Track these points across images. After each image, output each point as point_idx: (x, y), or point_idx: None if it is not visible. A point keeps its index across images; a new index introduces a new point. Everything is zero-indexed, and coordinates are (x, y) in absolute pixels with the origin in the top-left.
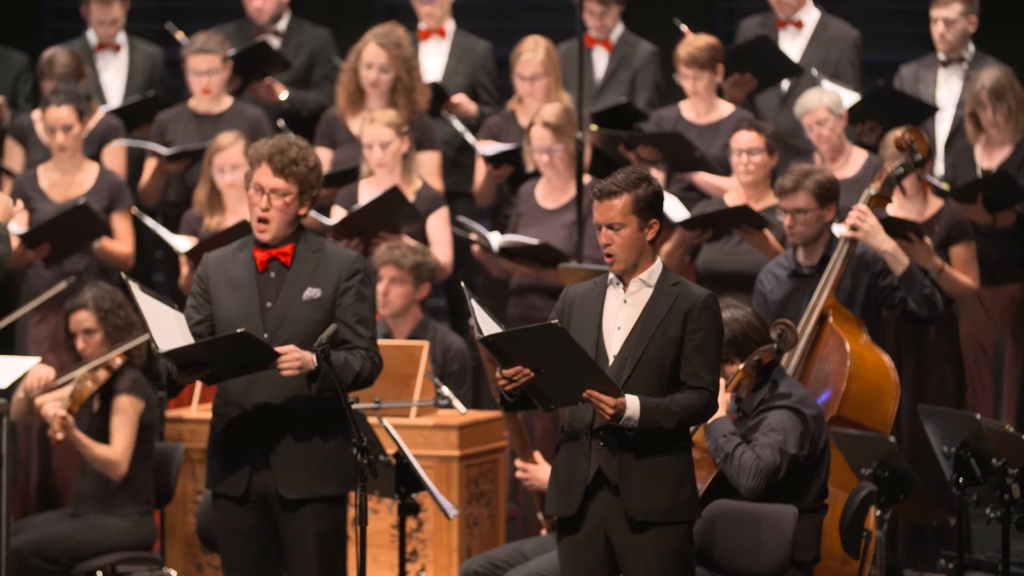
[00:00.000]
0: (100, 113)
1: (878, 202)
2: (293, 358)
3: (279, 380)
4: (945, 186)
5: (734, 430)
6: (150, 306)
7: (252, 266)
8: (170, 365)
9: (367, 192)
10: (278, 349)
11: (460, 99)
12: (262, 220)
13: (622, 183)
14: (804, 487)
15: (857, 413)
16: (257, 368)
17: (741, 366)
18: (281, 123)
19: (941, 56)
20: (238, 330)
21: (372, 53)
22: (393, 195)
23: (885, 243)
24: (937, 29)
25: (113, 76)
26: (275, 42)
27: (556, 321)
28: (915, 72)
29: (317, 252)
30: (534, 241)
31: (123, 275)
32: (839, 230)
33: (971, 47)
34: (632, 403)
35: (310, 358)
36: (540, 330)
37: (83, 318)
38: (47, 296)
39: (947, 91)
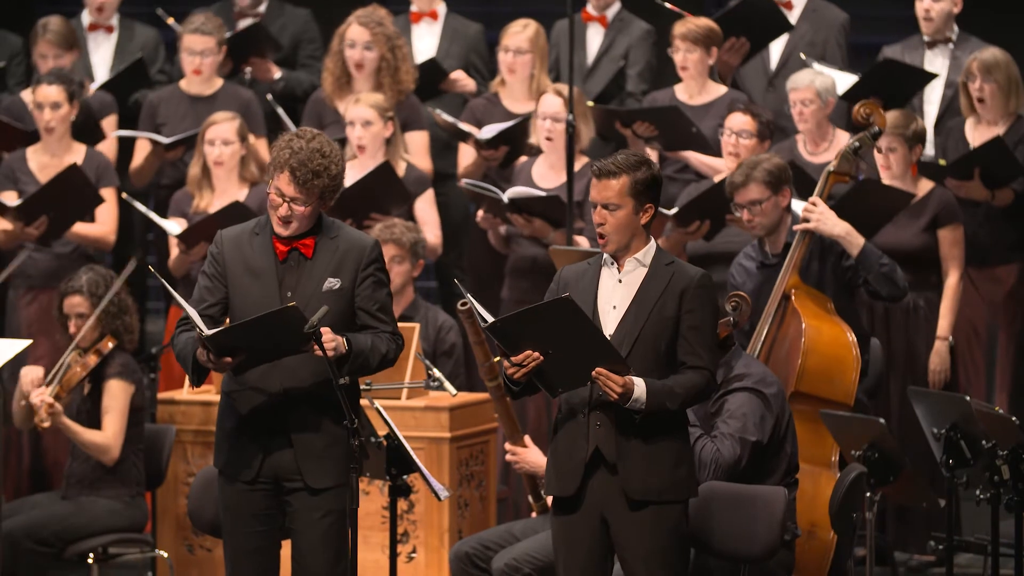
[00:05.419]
0: (91, 90)
1: (838, 178)
2: (330, 337)
3: (297, 366)
4: (941, 162)
5: (695, 422)
6: (181, 299)
7: (271, 253)
8: (207, 352)
9: (351, 175)
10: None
11: (458, 75)
12: (283, 220)
13: (622, 164)
14: (770, 467)
15: (816, 387)
16: (291, 352)
17: None
18: (269, 96)
19: (926, 38)
20: (289, 304)
21: (355, 32)
22: (384, 170)
23: (837, 228)
24: (923, 5)
25: (102, 57)
26: None
27: (568, 295)
28: (900, 54)
29: (335, 239)
30: (542, 193)
31: (150, 267)
32: (798, 206)
33: (955, 27)
34: (639, 385)
35: (341, 341)
36: (552, 305)
37: (77, 302)
38: (7, 272)
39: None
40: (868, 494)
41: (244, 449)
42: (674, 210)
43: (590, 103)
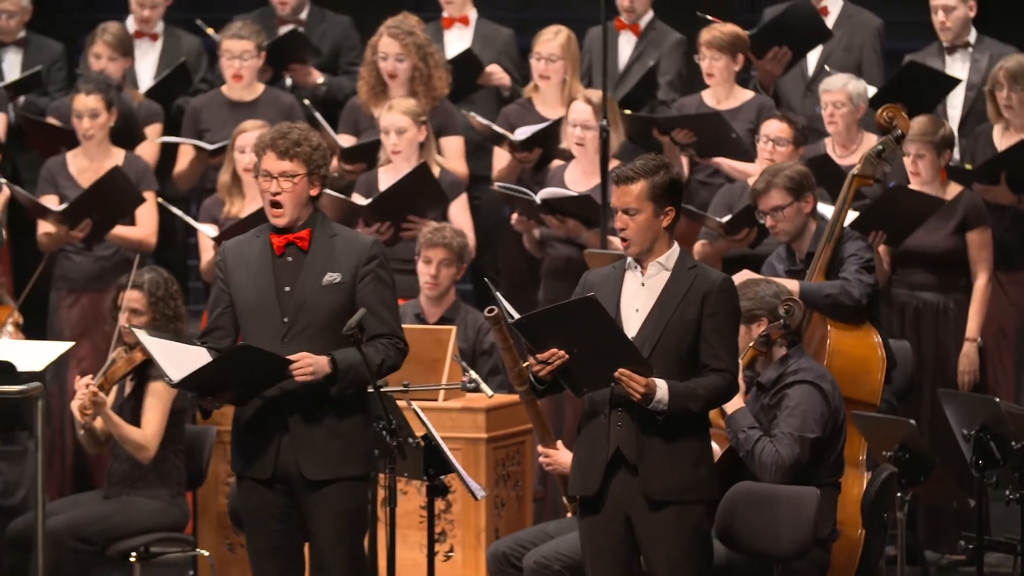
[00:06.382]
0: (140, 97)
1: (862, 181)
2: (306, 363)
3: None
4: (967, 165)
5: (753, 423)
6: (158, 345)
7: (269, 251)
8: (191, 395)
9: (386, 180)
10: (290, 357)
11: (494, 69)
12: (275, 204)
13: (640, 169)
14: (821, 460)
15: (842, 387)
16: (275, 380)
17: (751, 343)
18: (307, 102)
19: (945, 44)
20: (238, 343)
21: (386, 44)
22: (421, 171)
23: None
24: (937, 18)
25: (148, 65)
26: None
27: (592, 294)
28: (921, 61)
29: (334, 237)
30: (574, 193)
31: (126, 325)
32: (823, 209)
33: (973, 31)
34: (662, 387)
35: (324, 362)
36: (576, 304)
37: (135, 298)
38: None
39: None
40: (899, 494)
41: (256, 449)
42: (727, 218)
43: (627, 111)
